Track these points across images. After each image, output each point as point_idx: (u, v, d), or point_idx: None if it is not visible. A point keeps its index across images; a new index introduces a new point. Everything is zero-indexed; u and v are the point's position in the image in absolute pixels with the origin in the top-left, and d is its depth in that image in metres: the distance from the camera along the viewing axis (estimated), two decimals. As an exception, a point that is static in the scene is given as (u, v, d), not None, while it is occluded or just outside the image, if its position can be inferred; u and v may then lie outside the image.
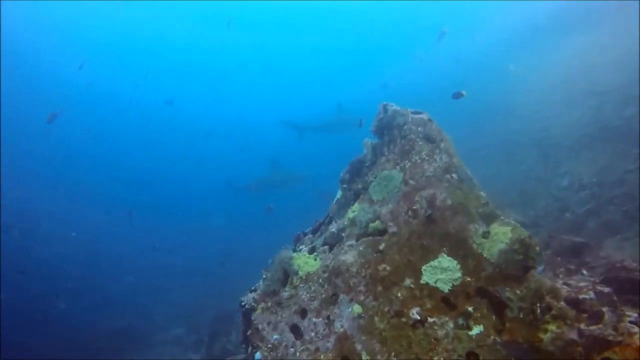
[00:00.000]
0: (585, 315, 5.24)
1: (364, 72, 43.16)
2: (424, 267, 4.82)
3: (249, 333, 5.41)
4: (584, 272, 6.63)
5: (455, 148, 5.63)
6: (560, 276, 6.59)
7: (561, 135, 14.29)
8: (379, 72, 39.49)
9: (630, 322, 4.72)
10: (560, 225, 11.70)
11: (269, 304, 5.55)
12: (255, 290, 5.84)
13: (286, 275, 5.68)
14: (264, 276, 5.79)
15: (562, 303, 4.13)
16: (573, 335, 3.96)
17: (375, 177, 5.77)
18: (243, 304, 5.71)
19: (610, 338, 4.49)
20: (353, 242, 5.48)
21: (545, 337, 3.99)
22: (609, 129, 12.50)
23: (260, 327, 5.34)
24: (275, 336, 5.16)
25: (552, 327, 4.01)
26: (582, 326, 5.12)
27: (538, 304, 4.14)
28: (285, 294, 5.50)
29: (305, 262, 5.68)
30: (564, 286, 5.92)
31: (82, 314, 21.65)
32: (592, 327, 4.97)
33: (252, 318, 5.50)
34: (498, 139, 16.89)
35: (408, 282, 4.79)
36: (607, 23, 18.28)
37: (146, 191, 40.09)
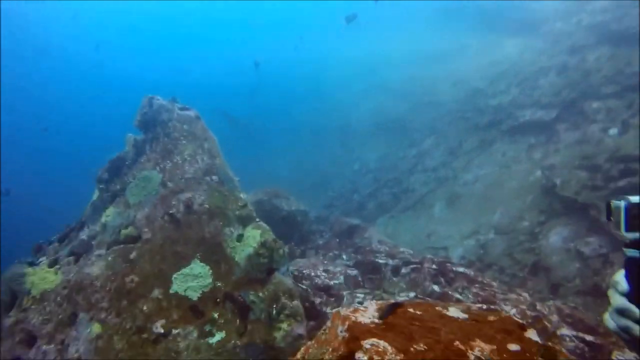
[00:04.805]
0: (332, 299, 5.98)
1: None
2: (175, 276, 4.62)
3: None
4: (344, 256, 7.58)
5: (220, 147, 5.53)
6: (326, 262, 7.39)
7: (357, 123, 16.16)
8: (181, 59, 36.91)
9: (358, 302, 5.57)
10: (349, 206, 13.35)
11: (-12, 335, 4.55)
12: (-30, 319, 4.71)
13: (14, 296, 4.74)
14: (-16, 300, 4.70)
15: (296, 302, 4.51)
16: (301, 330, 4.39)
17: (135, 178, 5.24)
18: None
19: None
20: (103, 251, 4.90)
21: (278, 335, 4.30)
22: (389, 120, 14.67)
23: (-30, 366, 4.34)
24: (-10, 375, 4.27)
25: (284, 325, 4.34)
26: (329, 309, 5.83)
27: (274, 305, 4.43)
28: (8, 320, 4.58)
29: (43, 277, 4.84)
30: (324, 273, 6.63)
31: None
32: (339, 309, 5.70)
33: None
34: (309, 123, 18.10)
35: (157, 292, 4.52)
36: (406, 23, 21.14)
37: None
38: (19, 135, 31.99)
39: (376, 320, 2.57)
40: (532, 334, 2.63)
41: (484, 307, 5.22)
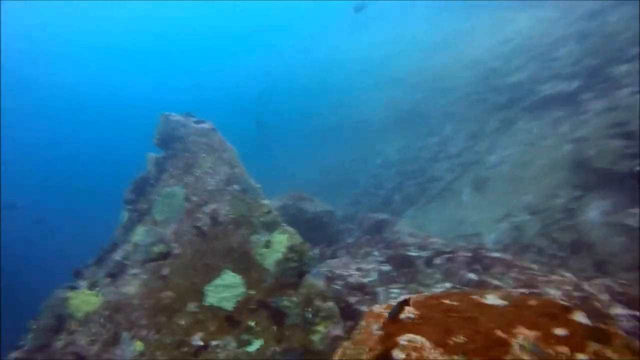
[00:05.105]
0: (368, 297, 5.91)
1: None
2: (208, 288, 4.68)
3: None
4: (375, 252, 7.48)
5: (239, 156, 5.56)
6: (357, 260, 7.31)
7: (373, 118, 15.98)
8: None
9: (393, 297, 5.47)
10: (375, 201, 13.20)
11: (39, 360, 4.73)
12: (22, 347, 4.91)
13: (61, 320, 4.90)
14: (33, 327, 4.90)
15: (330, 303, 4.48)
16: (338, 331, 4.34)
17: (159, 196, 5.34)
18: (4, 366, 4.75)
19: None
20: (137, 270, 5.01)
21: (315, 338, 4.28)
22: (405, 111, 14.43)
23: (25, 391, 4.52)
24: (44, 399, 4.43)
25: (320, 327, 4.31)
26: (365, 307, 5.76)
27: (309, 308, 4.40)
28: (59, 343, 4.75)
29: (85, 300, 4.99)
30: (356, 271, 6.57)
31: None
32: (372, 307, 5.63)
33: (16, 383, 4.62)
34: (325, 123, 18.04)
35: (192, 306, 4.59)
36: (411, 12, 20.82)
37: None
38: (46, 164, 33.52)
39: (411, 315, 2.50)
40: (579, 316, 2.49)
41: (526, 292, 5.03)
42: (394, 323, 2.42)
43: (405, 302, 2.55)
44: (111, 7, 33.55)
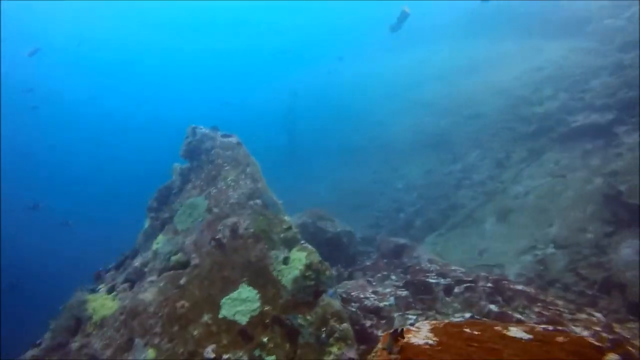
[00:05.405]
0: (383, 322, 5.76)
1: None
2: (223, 300, 4.66)
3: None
4: (393, 277, 7.33)
5: (262, 172, 5.62)
6: (374, 283, 7.17)
7: (398, 141, 15.94)
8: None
9: (410, 323, 5.31)
10: (396, 225, 13.01)
11: (54, 360, 4.79)
12: (39, 345, 4.99)
13: (78, 322, 4.97)
14: (50, 327, 4.98)
15: (345, 325, 4.38)
16: (352, 354, 4.23)
17: (181, 205, 5.43)
18: (20, 364, 4.83)
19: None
20: (155, 277, 5.06)
21: (328, 359, 4.17)
22: (431, 136, 14.35)
23: (38, 391, 4.57)
24: (56, 400, 4.46)
25: (334, 349, 4.21)
26: (380, 332, 5.62)
27: (324, 328, 4.32)
28: (74, 345, 4.80)
29: (102, 304, 5.06)
30: (373, 294, 6.43)
31: None
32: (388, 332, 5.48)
33: (30, 381, 4.68)
34: (349, 144, 18.10)
35: (206, 317, 4.57)
36: (441, 37, 20.95)
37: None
38: (78, 169, 34.72)
39: (430, 342, 2.42)
40: (613, 359, 2.35)
41: (550, 327, 4.79)
42: (411, 348, 2.34)
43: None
44: (149, 33, 35.19)
